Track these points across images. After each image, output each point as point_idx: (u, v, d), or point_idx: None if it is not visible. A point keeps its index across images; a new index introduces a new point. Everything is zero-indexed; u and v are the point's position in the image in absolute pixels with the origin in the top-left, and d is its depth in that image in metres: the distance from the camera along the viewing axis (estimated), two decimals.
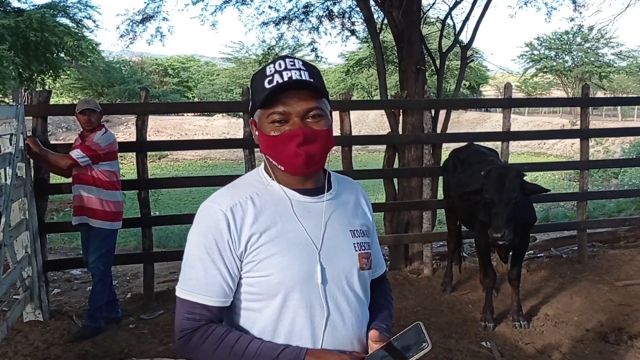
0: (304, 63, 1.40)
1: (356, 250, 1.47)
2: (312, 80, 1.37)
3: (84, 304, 5.02)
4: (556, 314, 4.72)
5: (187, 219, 5.61)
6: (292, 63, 1.38)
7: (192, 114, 36.95)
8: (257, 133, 1.45)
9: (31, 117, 4.77)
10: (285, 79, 1.35)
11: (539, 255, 6.46)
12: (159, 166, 24.24)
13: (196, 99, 44.16)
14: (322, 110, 1.40)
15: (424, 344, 1.29)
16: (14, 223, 4.30)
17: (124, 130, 29.30)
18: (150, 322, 4.69)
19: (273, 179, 1.46)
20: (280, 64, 1.38)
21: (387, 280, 1.72)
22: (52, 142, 5.12)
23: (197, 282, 1.39)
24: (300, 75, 1.36)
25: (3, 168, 4.04)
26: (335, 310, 1.41)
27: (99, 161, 4.36)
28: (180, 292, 1.41)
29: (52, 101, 5.20)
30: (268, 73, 1.38)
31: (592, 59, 39.25)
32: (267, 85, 1.36)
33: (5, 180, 4.01)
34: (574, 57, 40.42)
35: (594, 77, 38.53)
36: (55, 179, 4.89)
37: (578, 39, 39.24)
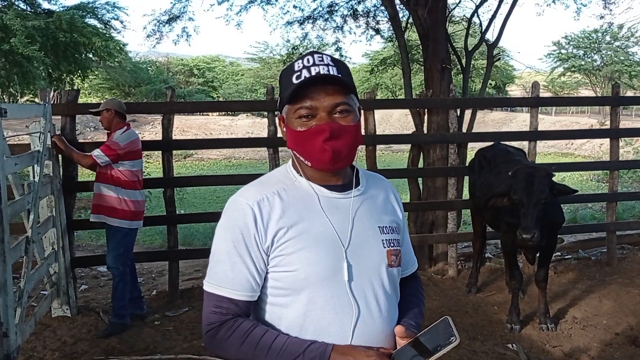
0: (333, 59, 1.39)
1: (385, 247, 1.45)
2: (340, 75, 1.36)
3: (110, 300, 5.08)
4: (584, 317, 4.64)
5: (212, 218, 5.66)
6: (320, 59, 1.38)
7: (217, 113, 37.27)
8: (284, 129, 1.45)
9: (60, 116, 4.86)
10: (313, 74, 1.34)
11: (566, 257, 6.35)
12: (184, 165, 24.44)
13: (221, 99, 44.50)
14: (349, 106, 1.39)
15: (452, 338, 1.27)
16: (42, 220, 4.36)
17: (150, 130, 29.67)
18: (175, 319, 4.73)
19: (301, 175, 1.45)
20: (308, 60, 1.38)
21: (419, 278, 1.70)
22: (80, 141, 5.22)
23: (224, 276, 1.39)
24: (328, 70, 1.35)
25: (31, 166, 4.11)
26: (364, 307, 1.40)
27: (119, 160, 4.35)
28: (208, 285, 1.42)
29: (80, 101, 5.29)
30: (296, 68, 1.37)
31: (622, 57, 38.50)
32: (294, 81, 1.36)
33: (34, 177, 4.07)
34: (603, 55, 39.73)
35: (624, 76, 37.79)
36: (83, 176, 4.96)
37: (607, 38, 38.56)
